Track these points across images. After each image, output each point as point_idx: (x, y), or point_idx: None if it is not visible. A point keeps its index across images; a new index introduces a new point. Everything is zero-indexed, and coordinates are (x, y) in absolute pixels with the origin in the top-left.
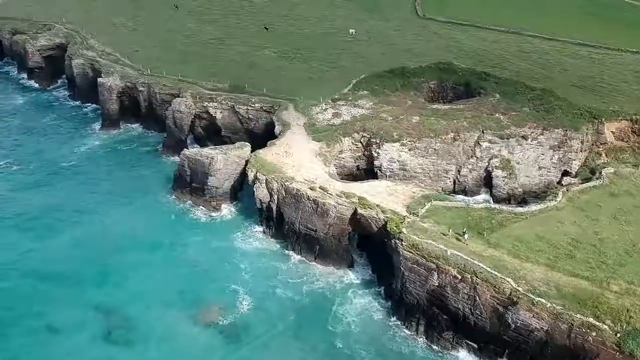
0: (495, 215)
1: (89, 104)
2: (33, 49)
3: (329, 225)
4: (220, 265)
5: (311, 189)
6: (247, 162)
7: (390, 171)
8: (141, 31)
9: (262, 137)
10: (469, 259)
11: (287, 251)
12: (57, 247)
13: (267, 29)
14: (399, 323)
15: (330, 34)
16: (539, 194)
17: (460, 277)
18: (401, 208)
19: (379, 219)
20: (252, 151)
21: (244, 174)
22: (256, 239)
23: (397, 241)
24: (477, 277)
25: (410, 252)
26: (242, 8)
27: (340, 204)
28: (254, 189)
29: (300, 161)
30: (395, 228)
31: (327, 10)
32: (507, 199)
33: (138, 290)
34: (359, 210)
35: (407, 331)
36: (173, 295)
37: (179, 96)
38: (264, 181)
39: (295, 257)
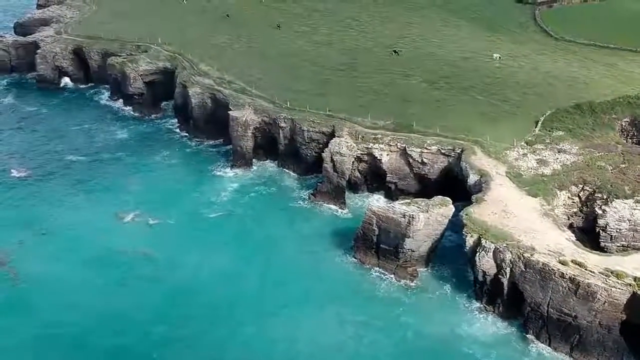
0: None
1: (208, 139)
2: (135, 73)
3: (596, 311)
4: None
5: (562, 263)
6: (449, 221)
7: (617, 232)
8: (253, 54)
9: (435, 183)
10: None
11: (527, 340)
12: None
13: (397, 52)
14: None
15: (470, 58)
16: None
17: None
18: None
19: None
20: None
21: (443, 234)
22: (480, 320)
23: None
24: None
25: None
26: (351, 27)
27: (611, 286)
28: (477, 258)
29: (527, 224)
30: None
31: (445, 30)
32: None
33: None
34: None
35: None
36: None
37: (332, 135)
38: (491, 250)
39: (541, 345)
